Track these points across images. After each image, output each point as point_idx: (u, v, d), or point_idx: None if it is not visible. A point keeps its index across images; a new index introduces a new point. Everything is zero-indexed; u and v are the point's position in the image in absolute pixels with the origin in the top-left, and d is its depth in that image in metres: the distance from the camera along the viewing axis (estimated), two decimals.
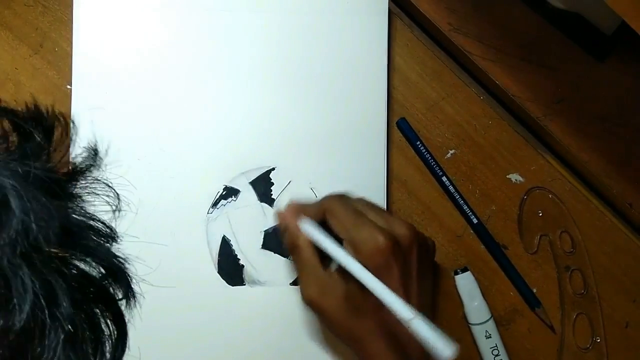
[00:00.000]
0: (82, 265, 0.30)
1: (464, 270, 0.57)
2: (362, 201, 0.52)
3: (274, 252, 0.56)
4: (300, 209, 0.52)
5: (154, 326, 0.54)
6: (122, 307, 0.34)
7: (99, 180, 0.34)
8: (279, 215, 0.53)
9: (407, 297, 0.48)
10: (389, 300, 0.45)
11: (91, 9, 0.56)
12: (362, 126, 0.57)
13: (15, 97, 0.56)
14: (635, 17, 0.44)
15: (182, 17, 0.56)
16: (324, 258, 0.50)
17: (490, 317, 0.57)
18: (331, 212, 0.50)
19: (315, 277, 0.50)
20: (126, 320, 0.35)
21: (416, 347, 0.48)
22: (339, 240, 0.49)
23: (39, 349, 0.27)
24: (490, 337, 0.56)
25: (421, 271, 0.50)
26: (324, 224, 0.50)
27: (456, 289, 0.58)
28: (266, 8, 0.57)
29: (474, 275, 0.58)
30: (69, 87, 0.56)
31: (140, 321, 0.54)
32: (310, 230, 0.50)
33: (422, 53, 0.60)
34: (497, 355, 0.56)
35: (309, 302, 0.50)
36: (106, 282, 0.32)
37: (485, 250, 0.59)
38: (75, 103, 0.55)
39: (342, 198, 0.51)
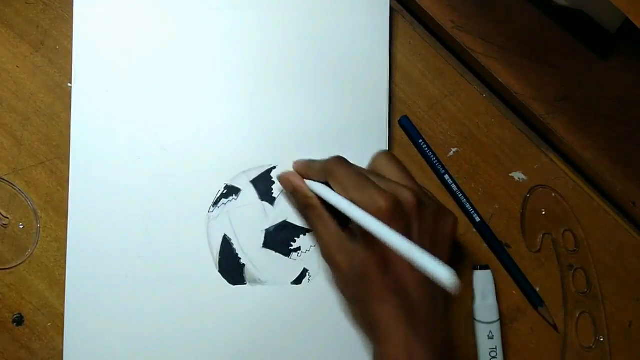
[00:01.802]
0: None
1: (485, 267, 0.57)
2: (369, 167, 0.53)
3: (275, 251, 0.56)
4: (304, 170, 0.54)
5: (154, 325, 0.54)
6: None
7: None
8: (284, 177, 0.55)
9: None
10: (387, 236, 0.43)
11: (92, 7, 0.56)
12: (364, 124, 0.57)
13: (16, 95, 0.56)
14: (639, 14, 0.44)
15: (182, 15, 0.56)
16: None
17: (498, 320, 0.57)
18: (332, 174, 0.50)
19: (332, 232, 0.51)
20: None
21: (422, 307, 0.47)
22: None
23: None
24: (492, 338, 0.56)
25: (430, 240, 0.49)
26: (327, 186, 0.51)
27: (471, 284, 0.58)
28: (267, 6, 0.57)
29: (493, 275, 0.58)
30: (69, 85, 0.56)
31: (142, 320, 0.55)
32: (315, 186, 0.51)
33: (424, 51, 0.60)
34: (494, 358, 0.56)
35: (328, 257, 0.51)
36: None
37: (488, 248, 0.59)
38: (76, 101, 0.55)
39: (345, 161, 0.51)
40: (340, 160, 0.51)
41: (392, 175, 0.51)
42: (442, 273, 0.39)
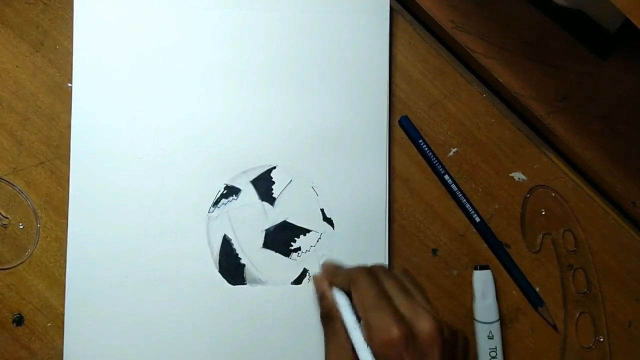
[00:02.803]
0: None
1: (485, 267, 0.58)
2: (395, 280, 0.48)
3: (275, 251, 0.56)
4: (330, 275, 0.51)
5: (154, 325, 0.54)
6: None
7: None
8: (317, 280, 0.52)
9: None
10: None
11: (92, 7, 0.56)
12: (364, 124, 0.57)
13: (16, 95, 0.56)
14: (639, 14, 0.44)
15: (182, 15, 0.56)
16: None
17: (498, 320, 0.57)
18: (355, 286, 0.47)
19: (342, 351, 0.47)
20: None
21: None
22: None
23: None
24: (492, 338, 0.56)
25: None
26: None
27: (471, 284, 0.58)
28: (267, 6, 0.57)
29: (493, 275, 0.58)
30: (69, 85, 0.56)
31: (142, 320, 0.55)
32: (339, 300, 0.49)
33: (424, 51, 0.60)
34: (494, 358, 0.56)
35: None
36: None
37: (488, 248, 0.59)
38: (76, 101, 0.55)
39: (370, 273, 0.48)
40: (364, 272, 0.48)
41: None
42: None
